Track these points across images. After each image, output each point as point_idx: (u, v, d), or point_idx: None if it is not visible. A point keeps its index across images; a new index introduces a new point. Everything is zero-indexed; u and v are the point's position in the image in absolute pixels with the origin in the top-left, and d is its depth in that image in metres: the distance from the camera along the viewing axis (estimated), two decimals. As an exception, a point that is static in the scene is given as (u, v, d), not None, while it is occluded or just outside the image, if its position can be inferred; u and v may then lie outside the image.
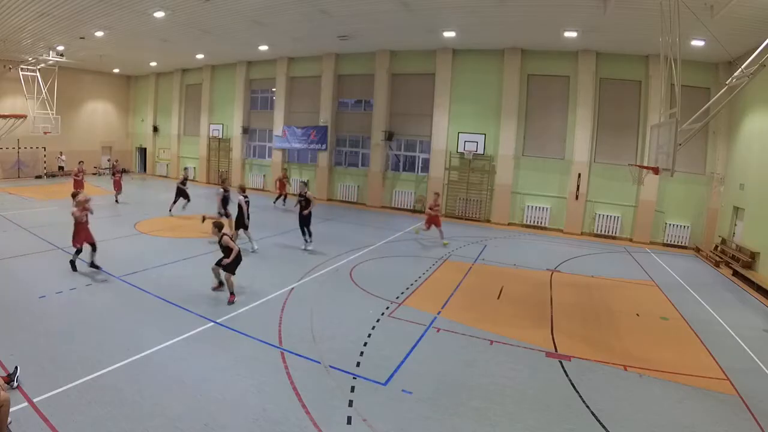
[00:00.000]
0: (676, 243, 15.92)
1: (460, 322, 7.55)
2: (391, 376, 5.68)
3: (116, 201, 17.78)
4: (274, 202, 19.39)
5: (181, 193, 15.87)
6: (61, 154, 25.73)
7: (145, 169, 30.30)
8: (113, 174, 18.43)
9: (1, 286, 7.91)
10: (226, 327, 6.82)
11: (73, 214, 8.90)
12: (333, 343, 6.53)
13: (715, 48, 12.31)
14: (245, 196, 11.59)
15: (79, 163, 17.45)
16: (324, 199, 21.87)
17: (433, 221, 13.51)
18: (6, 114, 22.21)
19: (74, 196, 9.05)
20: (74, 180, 16.68)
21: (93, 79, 27.98)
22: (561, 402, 5.34)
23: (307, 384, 5.35)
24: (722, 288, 11.11)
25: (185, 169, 19.89)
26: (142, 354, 5.75)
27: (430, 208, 13.62)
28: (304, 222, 11.70)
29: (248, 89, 24.71)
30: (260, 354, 6.08)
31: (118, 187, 18.02)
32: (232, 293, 7.90)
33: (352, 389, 5.30)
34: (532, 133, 17.94)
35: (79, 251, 8.86)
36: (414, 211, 19.63)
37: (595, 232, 16.95)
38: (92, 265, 8.80)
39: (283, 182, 19.59)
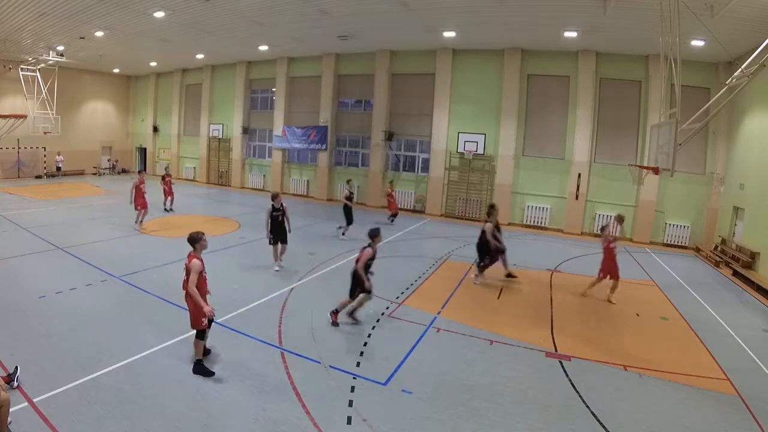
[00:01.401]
0: (676, 243, 15.92)
1: (460, 322, 7.55)
2: (391, 376, 5.68)
3: (168, 209, 16.21)
4: (391, 221, 16.56)
5: (349, 213, 13.61)
6: (58, 154, 25.70)
7: (145, 169, 30.24)
8: (163, 178, 16.51)
9: (1, 286, 7.91)
10: (226, 327, 6.82)
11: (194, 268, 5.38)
12: (333, 343, 6.54)
13: (715, 48, 12.31)
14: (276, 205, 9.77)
15: (139, 172, 14.47)
16: (324, 199, 21.89)
17: (612, 266, 9.03)
18: (6, 114, 22.23)
19: (195, 241, 5.53)
20: (137, 193, 13.19)
21: (93, 79, 27.97)
22: (561, 402, 5.34)
23: (307, 384, 5.35)
24: (722, 288, 11.11)
25: (348, 181, 14.80)
26: (142, 354, 5.76)
27: (610, 243, 9.00)
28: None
29: (248, 89, 24.71)
30: (260, 354, 6.08)
31: (168, 193, 16.29)
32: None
33: (352, 389, 5.30)
34: (532, 133, 17.94)
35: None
36: (414, 211, 19.62)
37: (595, 232, 16.91)
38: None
39: (392, 196, 16.93)
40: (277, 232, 9.79)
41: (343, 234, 13.48)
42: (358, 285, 7.04)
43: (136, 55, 23.14)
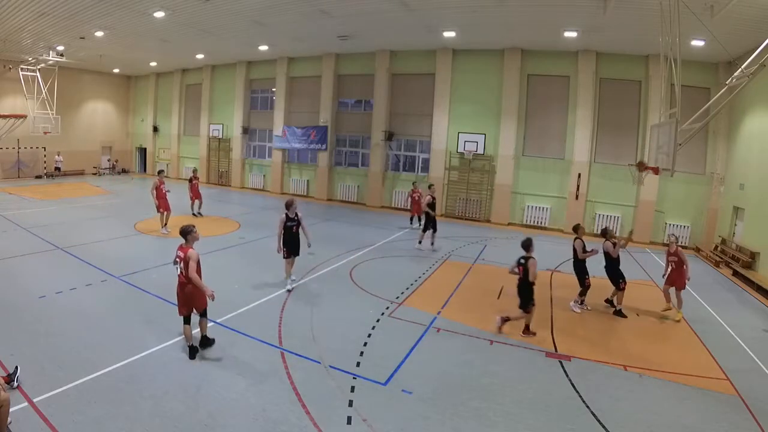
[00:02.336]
0: (676, 243, 15.90)
1: (460, 322, 7.55)
2: (391, 376, 5.68)
3: (196, 213, 15.49)
4: (411, 223, 16.01)
5: (431, 218, 12.50)
6: (58, 154, 25.66)
7: (145, 169, 30.30)
8: (190, 180, 15.69)
9: (1, 286, 7.91)
10: (226, 327, 6.82)
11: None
12: (333, 343, 6.53)
13: (715, 48, 12.30)
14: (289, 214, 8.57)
15: (159, 173, 13.51)
16: (324, 199, 21.90)
17: (678, 279, 8.43)
18: (6, 114, 22.23)
19: (187, 233, 6.04)
20: (159, 194, 12.75)
21: (93, 79, 27.97)
22: (561, 402, 5.34)
23: (307, 384, 5.35)
24: (722, 288, 11.10)
25: (431, 186, 13.80)
26: (142, 354, 5.76)
27: (675, 256, 8.41)
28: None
29: (248, 89, 24.72)
30: (260, 354, 6.08)
31: (196, 195, 15.49)
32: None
33: (352, 389, 5.30)
34: (532, 133, 17.94)
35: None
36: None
37: (595, 232, 16.88)
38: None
39: (415, 198, 15.74)
40: (291, 244, 8.58)
41: (432, 244, 12.62)
42: (530, 298, 7.09)
43: (136, 55, 23.13)
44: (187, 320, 5.85)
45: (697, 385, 5.90)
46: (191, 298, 5.83)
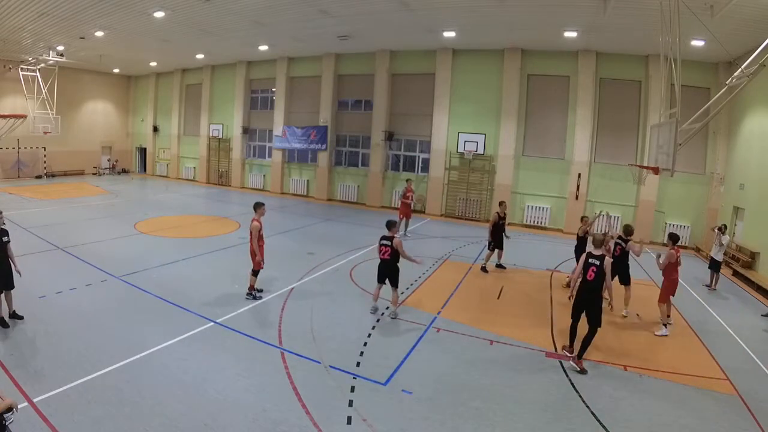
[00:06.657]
0: (676, 243, 15.90)
1: (460, 322, 7.55)
2: (391, 376, 5.68)
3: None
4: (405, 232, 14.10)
5: (499, 236, 10.93)
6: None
7: (145, 169, 30.30)
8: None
9: (1, 286, 7.90)
10: (226, 327, 6.82)
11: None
12: (333, 343, 6.54)
13: (715, 48, 12.30)
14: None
15: (257, 206, 8.35)
16: (324, 199, 21.90)
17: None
18: (6, 114, 22.22)
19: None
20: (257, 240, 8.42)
21: (93, 79, 27.96)
22: (561, 402, 5.34)
23: (307, 384, 5.35)
24: (722, 288, 11.10)
25: (501, 204, 11.55)
26: (142, 354, 5.76)
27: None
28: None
29: (248, 89, 24.71)
30: (260, 354, 6.09)
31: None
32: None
33: (352, 389, 5.30)
34: (532, 133, 17.94)
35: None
36: (414, 211, 19.58)
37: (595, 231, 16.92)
38: None
39: (409, 198, 14.23)
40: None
41: (499, 261, 11.18)
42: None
43: (136, 55, 23.13)
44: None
45: (697, 385, 5.91)
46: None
